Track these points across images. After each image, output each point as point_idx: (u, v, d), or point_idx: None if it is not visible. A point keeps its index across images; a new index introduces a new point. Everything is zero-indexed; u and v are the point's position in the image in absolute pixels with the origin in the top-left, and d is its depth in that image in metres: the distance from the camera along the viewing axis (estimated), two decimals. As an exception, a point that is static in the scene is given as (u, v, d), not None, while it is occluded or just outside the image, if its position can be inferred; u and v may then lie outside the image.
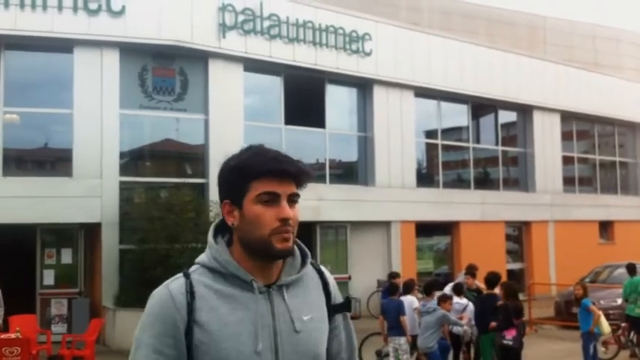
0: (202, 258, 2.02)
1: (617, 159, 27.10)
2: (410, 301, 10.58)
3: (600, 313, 10.88)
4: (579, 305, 10.52)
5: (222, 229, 2.07)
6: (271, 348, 1.90)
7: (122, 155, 15.36)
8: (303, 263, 2.06)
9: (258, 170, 1.96)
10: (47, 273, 14.92)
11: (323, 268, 2.15)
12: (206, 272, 1.97)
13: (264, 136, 17.46)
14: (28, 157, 15.88)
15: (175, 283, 1.96)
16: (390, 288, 11.15)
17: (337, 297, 2.14)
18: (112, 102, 14.99)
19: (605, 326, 10.55)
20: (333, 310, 2.10)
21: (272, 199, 1.95)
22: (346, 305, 2.19)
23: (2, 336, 10.20)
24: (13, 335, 10.26)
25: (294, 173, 1.99)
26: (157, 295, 1.97)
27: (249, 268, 1.96)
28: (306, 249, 2.08)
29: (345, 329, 2.17)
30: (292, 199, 1.99)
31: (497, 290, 10.82)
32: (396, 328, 9.93)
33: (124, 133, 15.33)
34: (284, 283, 1.99)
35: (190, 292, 1.92)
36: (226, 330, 1.88)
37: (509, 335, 9.31)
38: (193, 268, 2.01)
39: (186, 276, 1.97)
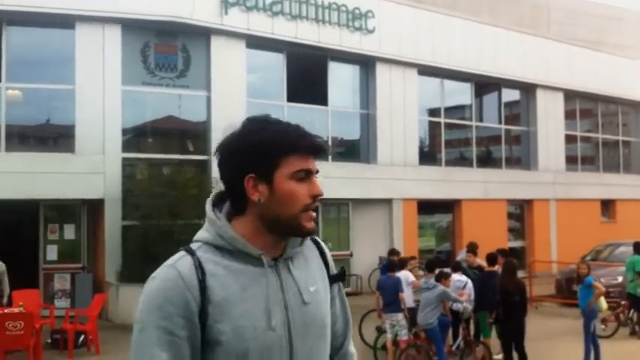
0: (204, 235, 1.94)
1: (620, 138, 27.05)
2: (405, 276, 10.67)
3: (604, 289, 10.98)
4: (582, 283, 10.51)
5: (217, 203, 2.00)
6: (284, 321, 1.89)
7: (124, 132, 15.36)
8: None
9: (293, 146, 1.91)
10: (50, 248, 15.00)
11: (318, 239, 2.14)
12: (211, 249, 1.90)
13: (267, 113, 17.41)
14: (31, 133, 15.89)
15: (182, 262, 1.86)
16: (389, 265, 11.20)
17: (333, 267, 2.14)
18: (114, 78, 14.96)
19: (604, 304, 10.61)
20: (330, 280, 2.10)
21: (306, 176, 1.92)
22: (342, 275, 2.20)
23: (6, 310, 10.29)
24: (16, 310, 10.33)
25: (322, 150, 1.99)
26: (163, 275, 1.85)
27: (260, 243, 1.92)
28: None
29: (341, 300, 2.18)
30: (316, 175, 1.98)
31: (497, 267, 10.90)
32: (392, 304, 9.98)
33: (126, 110, 15.31)
34: (290, 255, 1.97)
35: (201, 270, 1.84)
36: (241, 307, 1.84)
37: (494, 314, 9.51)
38: (195, 245, 1.93)
39: (191, 253, 1.88)
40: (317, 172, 1.95)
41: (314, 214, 1.94)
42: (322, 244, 2.14)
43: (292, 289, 1.93)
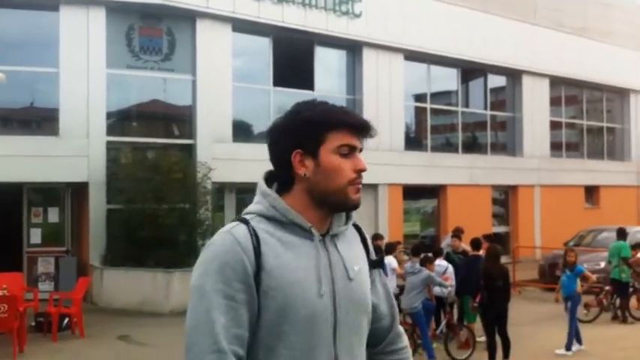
0: (257, 207, 2.01)
1: (605, 124, 27.19)
2: (389, 262, 10.72)
3: (595, 279, 11.25)
4: (571, 270, 10.48)
5: (269, 180, 2.08)
6: (330, 294, 1.95)
7: (109, 115, 15.25)
8: (347, 217, 2.13)
9: (338, 122, 2.01)
10: (34, 232, 14.93)
11: (359, 226, 2.22)
12: (263, 221, 1.97)
13: (253, 97, 17.38)
14: (14, 116, 15.75)
15: (238, 229, 1.93)
16: (375, 250, 11.24)
17: (373, 253, 2.23)
18: (99, 61, 14.83)
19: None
20: (371, 265, 2.18)
21: (350, 152, 2.02)
22: (381, 262, 2.31)
23: (-11, 294, 10.25)
24: (0, 292, 10.29)
25: (368, 128, 2.07)
26: (220, 240, 1.92)
27: (309, 217, 1.99)
28: None
29: (382, 284, 2.25)
30: (360, 152, 2.08)
31: (482, 252, 10.99)
32: None
33: (111, 93, 15.19)
34: (336, 232, 2.06)
35: (256, 237, 1.91)
36: (292, 276, 1.90)
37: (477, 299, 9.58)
38: (249, 216, 1.99)
39: (245, 222, 1.95)
40: (361, 149, 2.07)
41: (360, 186, 2.05)
42: (364, 231, 2.23)
43: (339, 264, 2.01)
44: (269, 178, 2.08)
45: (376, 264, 2.22)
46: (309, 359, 1.90)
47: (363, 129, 2.06)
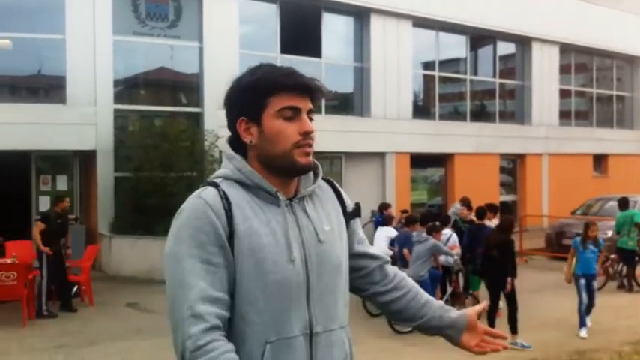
0: (224, 171, 1.99)
1: (615, 92, 26.98)
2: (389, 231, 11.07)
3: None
4: (596, 245, 9.67)
5: (234, 148, 2.03)
6: (301, 258, 1.93)
7: (116, 83, 15.21)
8: (315, 175, 2.09)
9: (277, 85, 1.94)
10: (43, 200, 14.97)
11: (333, 180, 2.20)
12: (232, 184, 1.95)
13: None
14: (21, 83, 15.72)
15: (208, 193, 1.90)
16: (384, 220, 11.41)
17: (349, 205, 2.20)
18: (105, 28, 14.74)
19: None
20: (348, 217, 2.16)
21: (293, 114, 1.94)
22: (358, 211, 2.27)
23: (-1, 261, 10.33)
24: (9, 260, 10.37)
25: (313, 88, 1.98)
26: (191, 206, 1.88)
27: (271, 184, 1.97)
28: (316, 161, 2.07)
29: (362, 234, 2.26)
30: (309, 114, 1.99)
31: (487, 222, 11.01)
32: (403, 260, 10.27)
33: (118, 61, 15.13)
34: (304, 195, 2.02)
35: (226, 199, 1.88)
36: (262, 240, 1.87)
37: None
38: (217, 180, 1.97)
39: (215, 186, 1.93)
40: (310, 110, 1.98)
41: (309, 149, 1.97)
42: (337, 185, 2.21)
43: (308, 227, 1.98)
44: (233, 146, 2.04)
45: (353, 215, 2.19)
46: (281, 323, 1.88)
47: (306, 90, 1.96)
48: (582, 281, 9.57)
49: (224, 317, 1.82)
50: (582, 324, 9.49)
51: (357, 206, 2.31)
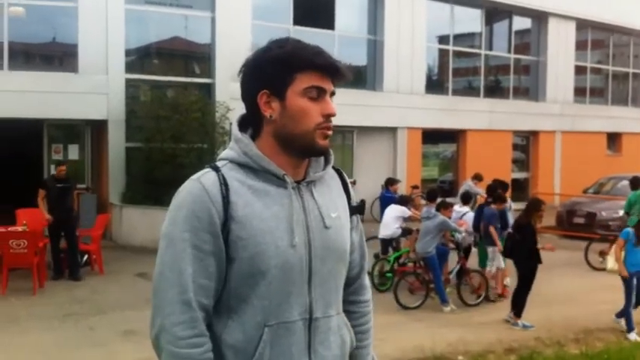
0: (230, 153, 1.96)
1: (631, 70, 26.66)
2: (402, 211, 11.14)
3: None
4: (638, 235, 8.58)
5: (244, 124, 2.01)
6: (305, 243, 1.91)
7: (128, 52, 15.15)
8: (326, 161, 2.06)
9: (307, 62, 1.90)
10: (54, 168, 15.01)
11: (340, 169, 2.16)
12: (236, 167, 1.92)
13: (273, 36, 17.06)
14: (34, 51, 15.67)
15: (207, 177, 1.88)
16: (399, 199, 11.64)
17: (354, 198, 2.17)
18: (117, -4, 14.66)
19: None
20: (351, 211, 2.13)
21: (318, 95, 1.92)
22: (362, 207, 2.23)
23: (10, 229, 10.40)
24: (20, 228, 10.45)
25: (339, 70, 1.96)
26: (188, 188, 1.88)
27: (280, 163, 1.93)
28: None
29: (359, 232, 2.21)
30: (331, 96, 1.97)
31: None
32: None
33: (130, 30, 15.06)
34: (312, 179, 1.99)
35: (225, 186, 1.86)
36: (263, 225, 1.85)
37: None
38: (221, 163, 1.95)
39: (216, 170, 1.91)
40: (333, 93, 1.97)
41: (328, 132, 1.95)
42: (344, 174, 2.17)
43: (314, 212, 1.95)
44: (243, 123, 2.01)
45: (357, 210, 2.16)
46: (281, 308, 1.87)
47: (334, 71, 1.95)
48: (634, 281, 8.65)
49: (208, 307, 1.86)
50: (631, 327, 8.66)
51: (362, 203, 2.28)
